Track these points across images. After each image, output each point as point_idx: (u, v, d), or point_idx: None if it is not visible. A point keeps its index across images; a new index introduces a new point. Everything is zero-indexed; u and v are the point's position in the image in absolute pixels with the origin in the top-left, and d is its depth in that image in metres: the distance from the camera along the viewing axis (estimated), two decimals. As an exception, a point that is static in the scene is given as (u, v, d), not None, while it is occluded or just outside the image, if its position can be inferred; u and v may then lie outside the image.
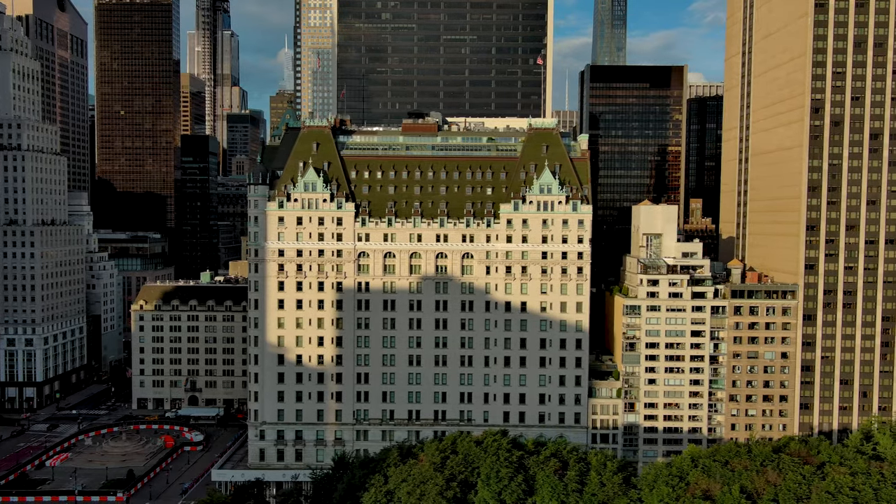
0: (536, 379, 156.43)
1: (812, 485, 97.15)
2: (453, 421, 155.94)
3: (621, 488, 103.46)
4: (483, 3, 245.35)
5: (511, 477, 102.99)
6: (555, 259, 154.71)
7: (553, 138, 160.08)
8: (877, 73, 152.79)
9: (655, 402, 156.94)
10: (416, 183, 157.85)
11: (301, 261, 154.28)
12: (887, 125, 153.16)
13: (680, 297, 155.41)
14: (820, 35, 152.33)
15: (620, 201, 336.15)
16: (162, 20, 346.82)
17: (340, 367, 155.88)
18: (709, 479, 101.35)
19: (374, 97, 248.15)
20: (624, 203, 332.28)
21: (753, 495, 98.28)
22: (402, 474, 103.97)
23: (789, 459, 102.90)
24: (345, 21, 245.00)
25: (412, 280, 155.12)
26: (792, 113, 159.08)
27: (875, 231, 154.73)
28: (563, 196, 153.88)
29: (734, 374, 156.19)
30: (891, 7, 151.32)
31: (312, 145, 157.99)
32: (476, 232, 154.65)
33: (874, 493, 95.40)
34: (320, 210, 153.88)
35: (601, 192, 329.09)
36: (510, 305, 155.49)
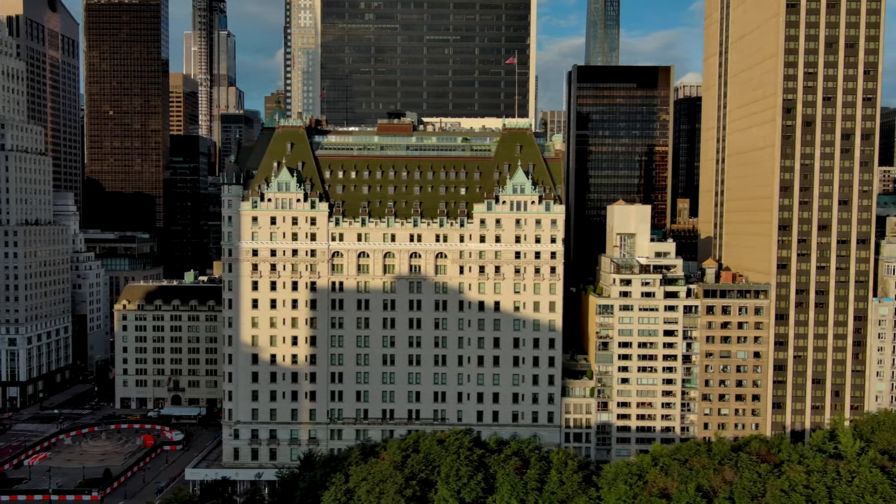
0: (510, 378, 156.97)
1: (767, 483, 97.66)
2: (427, 420, 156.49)
3: (581, 486, 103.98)
4: (466, 3, 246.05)
5: (470, 475, 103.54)
6: (528, 259, 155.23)
7: (527, 138, 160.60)
8: (848, 73, 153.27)
9: (628, 401, 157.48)
10: (390, 183, 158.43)
11: (275, 260, 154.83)
12: (858, 125, 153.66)
13: (652, 297, 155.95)
14: (791, 35, 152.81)
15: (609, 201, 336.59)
16: (150, 20, 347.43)
17: (314, 366, 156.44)
18: (667, 477, 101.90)
19: (358, 97, 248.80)
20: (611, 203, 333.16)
21: (709, 493, 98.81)
22: (363, 473, 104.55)
23: (747, 458, 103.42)
24: (328, 21, 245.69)
25: (386, 280, 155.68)
26: (765, 113, 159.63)
27: (847, 231, 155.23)
28: (535, 196, 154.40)
29: (707, 374, 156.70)
30: (861, 7, 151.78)
31: (287, 145, 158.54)
32: (449, 232, 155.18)
33: (828, 491, 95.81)
34: (294, 210, 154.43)
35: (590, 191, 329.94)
36: (483, 305, 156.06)
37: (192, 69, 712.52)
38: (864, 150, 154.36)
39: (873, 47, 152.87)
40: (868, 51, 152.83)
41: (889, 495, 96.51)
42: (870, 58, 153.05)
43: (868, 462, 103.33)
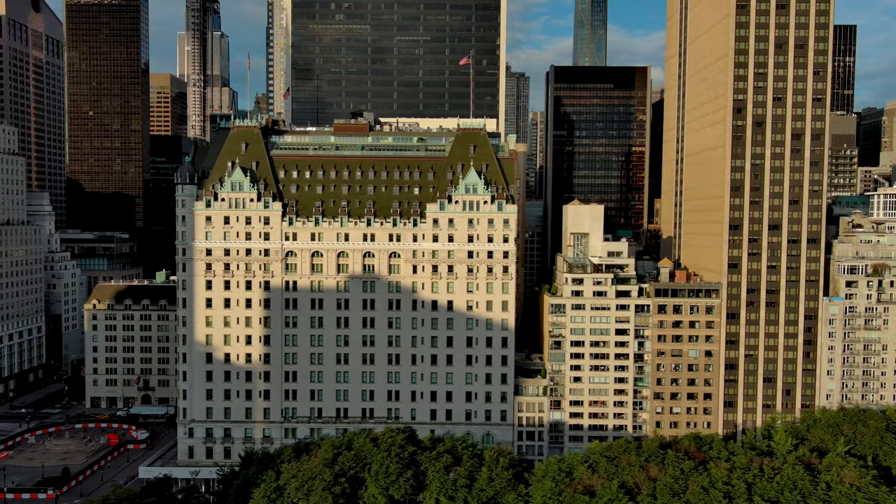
0: (463, 377, 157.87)
1: (690, 479, 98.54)
2: (381, 419, 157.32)
3: (511, 483, 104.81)
4: (436, 4, 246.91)
5: (400, 473, 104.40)
6: (481, 258, 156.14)
7: (481, 139, 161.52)
8: (798, 73, 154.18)
9: (581, 399, 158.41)
10: (344, 182, 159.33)
11: (229, 260, 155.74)
12: (808, 125, 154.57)
13: (604, 296, 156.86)
14: (741, 36, 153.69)
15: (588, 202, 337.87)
16: (130, 21, 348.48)
17: (268, 365, 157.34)
18: (593, 475, 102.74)
19: (329, 97, 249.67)
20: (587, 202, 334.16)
21: (633, 490, 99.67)
22: (294, 470, 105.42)
23: (673, 455, 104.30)
24: (299, 21, 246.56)
25: (340, 279, 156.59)
26: (717, 113, 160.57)
27: (798, 230, 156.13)
28: (488, 196, 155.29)
29: (659, 372, 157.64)
30: (811, 9, 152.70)
31: (241, 145, 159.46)
32: (403, 231, 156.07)
33: (747, 487, 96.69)
34: (247, 209, 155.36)
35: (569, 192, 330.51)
36: (437, 304, 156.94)
37: (185, 70, 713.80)
38: (815, 150, 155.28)
39: (823, 48, 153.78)
40: (818, 52, 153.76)
41: (808, 491, 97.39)
42: (819, 58, 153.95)
43: (793, 459, 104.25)
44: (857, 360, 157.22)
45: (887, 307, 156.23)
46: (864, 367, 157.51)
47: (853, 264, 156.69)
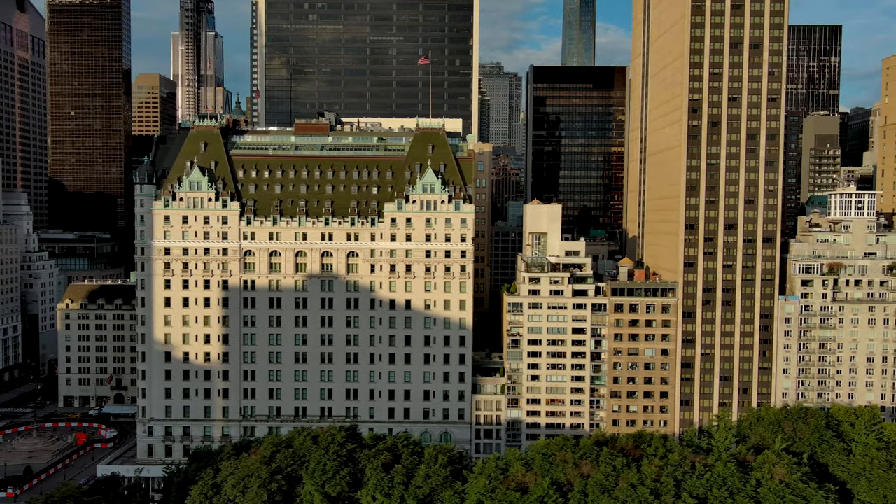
0: (421, 376, 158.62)
1: (621, 476, 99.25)
2: (339, 418, 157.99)
3: (448, 481, 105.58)
4: (409, 3, 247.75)
5: (337, 470, 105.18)
6: (438, 257, 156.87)
7: (439, 138, 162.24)
8: (753, 73, 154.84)
9: (538, 398, 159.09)
10: (302, 182, 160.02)
11: (187, 259, 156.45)
12: (763, 125, 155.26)
13: (561, 295, 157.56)
14: (697, 36, 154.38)
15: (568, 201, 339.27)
16: (111, 21, 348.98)
17: (227, 364, 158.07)
18: (528, 471, 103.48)
19: (302, 98, 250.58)
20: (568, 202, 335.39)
21: (565, 487, 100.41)
22: (231, 468, 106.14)
23: (608, 452, 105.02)
24: (272, 22, 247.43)
25: (298, 278, 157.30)
26: (674, 113, 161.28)
27: (753, 230, 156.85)
28: (445, 195, 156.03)
29: (615, 371, 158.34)
30: (765, 9, 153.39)
31: (200, 145, 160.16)
32: (361, 231, 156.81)
33: (675, 484, 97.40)
34: (205, 209, 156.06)
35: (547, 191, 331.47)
36: (395, 303, 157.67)
37: (179, 70, 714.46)
38: (770, 149, 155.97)
39: (777, 48, 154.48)
40: (772, 52, 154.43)
41: (737, 488, 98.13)
42: (774, 59, 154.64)
43: (727, 456, 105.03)
44: (813, 358, 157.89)
45: (842, 306, 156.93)
46: (819, 366, 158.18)
47: (809, 263, 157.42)
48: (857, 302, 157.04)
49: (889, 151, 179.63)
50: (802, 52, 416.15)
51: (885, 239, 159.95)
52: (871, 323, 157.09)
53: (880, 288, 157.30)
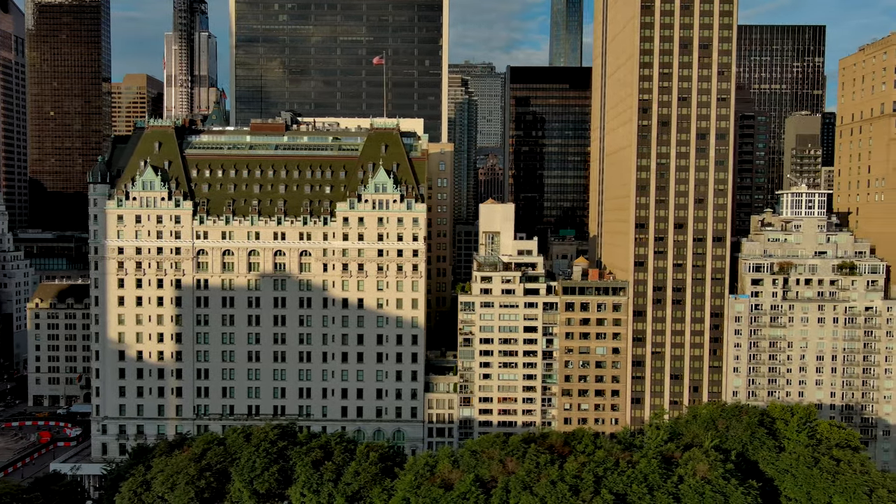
0: (374, 374, 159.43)
1: (543, 473, 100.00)
2: (292, 416, 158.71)
3: (377, 478, 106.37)
4: (379, 4, 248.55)
5: (266, 467, 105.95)
6: (391, 256, 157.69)
7: (393, 138, 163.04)
8: (703, 73, 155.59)
9: (490, 396, 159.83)
10: (256, 182, 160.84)
11: (140, 258, 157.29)
12: (713, 125, 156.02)
13: (512, 294, 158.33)
14: (646, 36, 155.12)
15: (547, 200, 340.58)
16: (91, 22, 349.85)
17: (180, 362, 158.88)
18: (454, 468, 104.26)
19: (272, 97, 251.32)
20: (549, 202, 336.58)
21: (489, 484, 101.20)
22: (162, 465, 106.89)
23: (535, 449, 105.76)
24: (242, 22, 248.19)
25: (251, 277, 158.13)
26: (626, 113, 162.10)
27: (703, 229, 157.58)
28: (397, 195, 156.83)
29: (567, 369, 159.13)
30: (715, 10, 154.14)
31: (154, 145, 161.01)
32: (313, 230, 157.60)
33: (596, 480, 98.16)
34: (158, 209, 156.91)
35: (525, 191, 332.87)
36: (347, 302, 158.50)
37: (172, 70, 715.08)
38: (720, 149, 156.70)
39: (727, 48, 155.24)
40: (721, 52, 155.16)
41: (657, 484, 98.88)
42: (723, 59, 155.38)
43: (653, 453, 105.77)
44: (764, 357, 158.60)
45: (793, 305, 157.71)
46: (770, 365, 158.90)
47: (759, 262, 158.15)
48: (807, 301, 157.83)
49: (845, 151, 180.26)
50: (787, 53, 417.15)
51: (835, 238, 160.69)
52: (821, 322, 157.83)
53: (830, 287, 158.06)
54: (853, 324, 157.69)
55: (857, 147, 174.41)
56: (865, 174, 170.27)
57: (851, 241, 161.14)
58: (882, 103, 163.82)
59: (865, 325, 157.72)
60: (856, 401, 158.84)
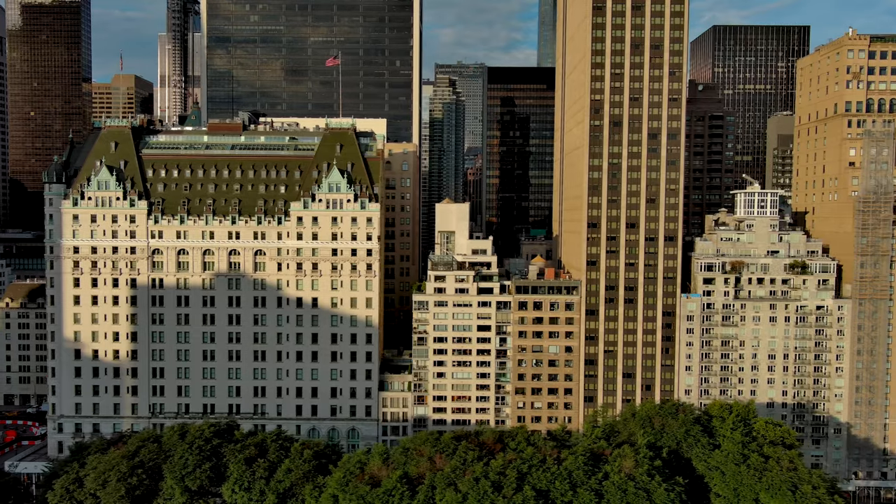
0: (328, 373, 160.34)
1: (468, 469, 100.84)
2: (247, 414, 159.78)
3: (309, 475, 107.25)
4: (350, 6, 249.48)
5: (198, 464, 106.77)
6: (345, 256, 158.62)
7: (348, 138, 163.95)
8: (654, 74, 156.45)
9: (444, 394, 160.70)
10: (211, 181, 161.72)
11: (96, 258, 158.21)
12: (665, 125, 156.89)
13: (466, 293, 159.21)
14: (598, 37, 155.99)
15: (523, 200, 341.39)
16: (71, 22, 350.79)
17: (136, 361, 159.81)
18: (384, 465, 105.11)
19: (244, 98, 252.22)
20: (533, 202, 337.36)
21: (416, 480, 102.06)
22: (95, 462, 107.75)
23: (465, 446, 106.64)
24: (213, 23, 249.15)
25: (205, 277, 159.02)
26: (580, 113, 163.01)
27: (655, 228, 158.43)
28: (351, 194, 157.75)
29: (520, 368, 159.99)
30: (666, 10, 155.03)
31: (111, 145, 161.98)
32: (267, 229, 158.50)
33: (520, 476, 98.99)
34: (113, 208, 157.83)
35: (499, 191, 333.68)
36: (302, 301, 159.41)
37: (166, 70, 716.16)
38: (671, 149, 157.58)
39: (678, 49, 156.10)
40: (673, 52, 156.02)
41: (581, 481, 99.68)
42: (674, 59, 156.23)
43: (583, 450, 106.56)
44: (716, 355, 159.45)
45: (744, 304, 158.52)
46: (722, 363, 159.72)
47: (711, 262, 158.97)
48: (759, 300, 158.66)
49: (802, 151, 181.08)
50: (772, 54, 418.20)
51: (788, 238, 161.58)
52: (773, 321, 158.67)
53: (782, 286, 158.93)
54: (804, 323, 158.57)
55: (813, 147, 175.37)
56: (821, 174, 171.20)
57: (804, 240, 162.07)
58: (835, 103, 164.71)
59: (817, 324, 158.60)
60: (807, 399, 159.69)
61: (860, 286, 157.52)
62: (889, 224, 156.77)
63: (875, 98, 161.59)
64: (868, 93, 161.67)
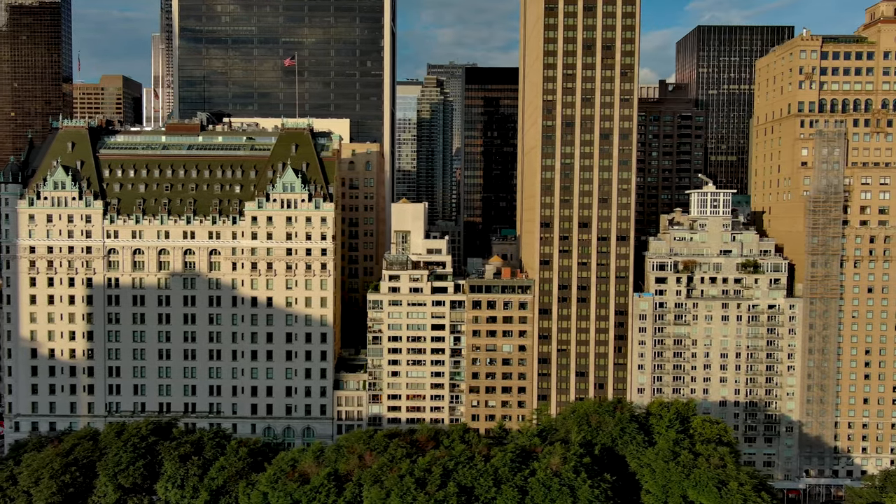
0: (283, 372, 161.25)
1: (395, 467, 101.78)
2: (203, 413, 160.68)
3: (242, 472, 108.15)
4: (321, 5, 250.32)
5: (131, 461, 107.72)
6: (299, 255, 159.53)
7: (303, 138, 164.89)
8: (606, 74, 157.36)
9: (399, 393, 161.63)
10: (167, 181, 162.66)
11: (52, 257, 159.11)
12: (616, 125, 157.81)
13: (420, 293, 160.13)
14: (550, 38, 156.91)
15: (499, 200, 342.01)
16: (51, 23, 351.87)
17: (92, 360, 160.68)
18: (316, 463, 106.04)
19: (216, 98, 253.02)
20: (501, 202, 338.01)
21: (344, 477, 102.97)
22: (30, 459, 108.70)
23: (395, 444, 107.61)
24: (185, 23, 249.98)
25: (161, 276, 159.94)
26: (535, 113, 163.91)
27: (607, 228, 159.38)
28: (305, 194, 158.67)
29: (474, 367, 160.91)
30: (617, 11, 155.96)
31: (68, 145, 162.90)
32: (222, 229, 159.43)
33: (444, 473, 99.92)
34: (69, 208, 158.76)
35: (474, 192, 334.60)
36: (256, 301, 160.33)
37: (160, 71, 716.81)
38: (623, 149, 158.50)
39: (629, 49, 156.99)
40: (624, 53, 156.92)
41: (506, 477, 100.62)
42: (626, 60, 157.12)
43: (512, 448, 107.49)
44: (668, 354, 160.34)
45: (696, 303, 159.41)
46: (675, 362, 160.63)
47: (663, 261, 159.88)
48: (711, 299, 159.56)
49: (759, 151, 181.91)
50: (755, 54, 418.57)
51: (741, 237, 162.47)
52: (725, 320, 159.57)
53: (735, 285, 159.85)
54: (757, 322, 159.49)
55: (769, 147, 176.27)
56: (776, 174, 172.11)
57: (756, 239, 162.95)
58: (789, 104, 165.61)
59: (769, 323, 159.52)
60: (760, 398, 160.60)
61: (811, 285, 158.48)
62: (839, 224, 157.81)
63: (828, 98, 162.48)
64: (821, 93, 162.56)
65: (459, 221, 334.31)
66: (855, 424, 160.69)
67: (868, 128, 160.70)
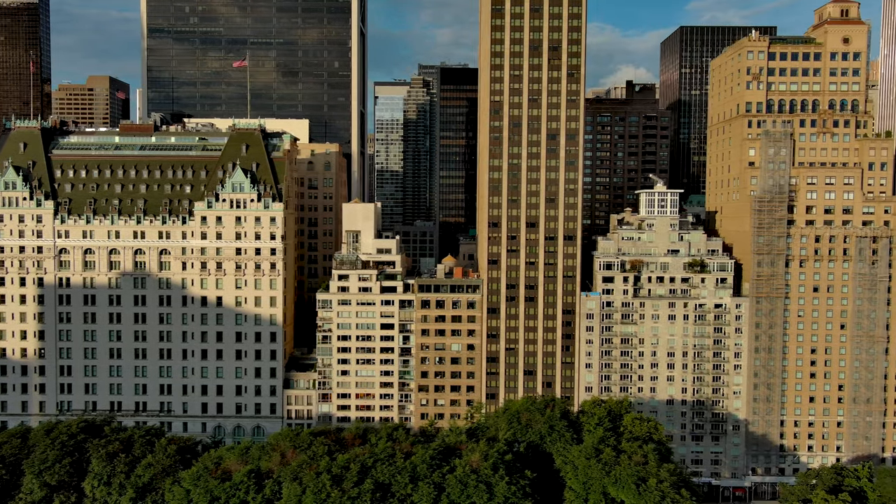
0: (233, 371, 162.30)
1: (313, 465, 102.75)
2: (153, 412, 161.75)
3: (169, 469, 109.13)
4: (288, 7, 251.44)
5: (58, 459, 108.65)
6: (249, 255, 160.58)
7: (254, 138, 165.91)
8: (553, 75, 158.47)
9: (348, 392, 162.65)
10: (118, 182, 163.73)
11: (3, 257, 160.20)
12: (563, 126, 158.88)
13: (369, 292, 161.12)
14: (497, 39, 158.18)
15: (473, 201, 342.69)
16: (28, 23, 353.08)
17: (43, 360, 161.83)
18: (238, 460, 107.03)
19: (184, 99, 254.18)
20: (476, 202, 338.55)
21: (265, 475, 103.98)
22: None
23: (319, 441, 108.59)
24: (154, 22, 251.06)
25: (111, 276, 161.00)
26: (484, 114, 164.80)
27: (554, 227, 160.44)
28: (254, 194, 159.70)
29: (423, 366, 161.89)
30: (564, 13, 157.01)
31: (20, 145, 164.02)
32: (172, 229, 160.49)
33: (361, 470, 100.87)
34: (20, 208, 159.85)
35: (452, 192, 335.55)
36: (206, 300, 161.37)
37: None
38: (570, 149, 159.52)
39: (576, 51, 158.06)
40: (571, 54, 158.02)
41: (424, 474, 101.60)
42: (573, 61, 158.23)
43: (436, 445, 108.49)
44: (615, 353, 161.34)
45: (643, 302, 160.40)
46: (622, 361, 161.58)
47: (610, 260, 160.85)
48: (658, 298, 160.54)
49: (712, 151, 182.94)
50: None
51: (688, 237, 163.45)
52: (672, 319, 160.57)
53: (682, 284, 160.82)
54: (703, 321, 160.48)
55: (720, 147, 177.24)
56: (726, 174, 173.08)
57: (704, 239, 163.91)
58: (738, 104, 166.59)
59: (715, 322, 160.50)
60: (707, 396, 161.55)
61: (757, 285, 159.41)
62: (784, 223, 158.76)
63: (775, 99, 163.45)
64: (768, 94, 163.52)
65: (436, 221, 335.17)
66: (801, 423, 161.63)
67: (815, 128, 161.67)
